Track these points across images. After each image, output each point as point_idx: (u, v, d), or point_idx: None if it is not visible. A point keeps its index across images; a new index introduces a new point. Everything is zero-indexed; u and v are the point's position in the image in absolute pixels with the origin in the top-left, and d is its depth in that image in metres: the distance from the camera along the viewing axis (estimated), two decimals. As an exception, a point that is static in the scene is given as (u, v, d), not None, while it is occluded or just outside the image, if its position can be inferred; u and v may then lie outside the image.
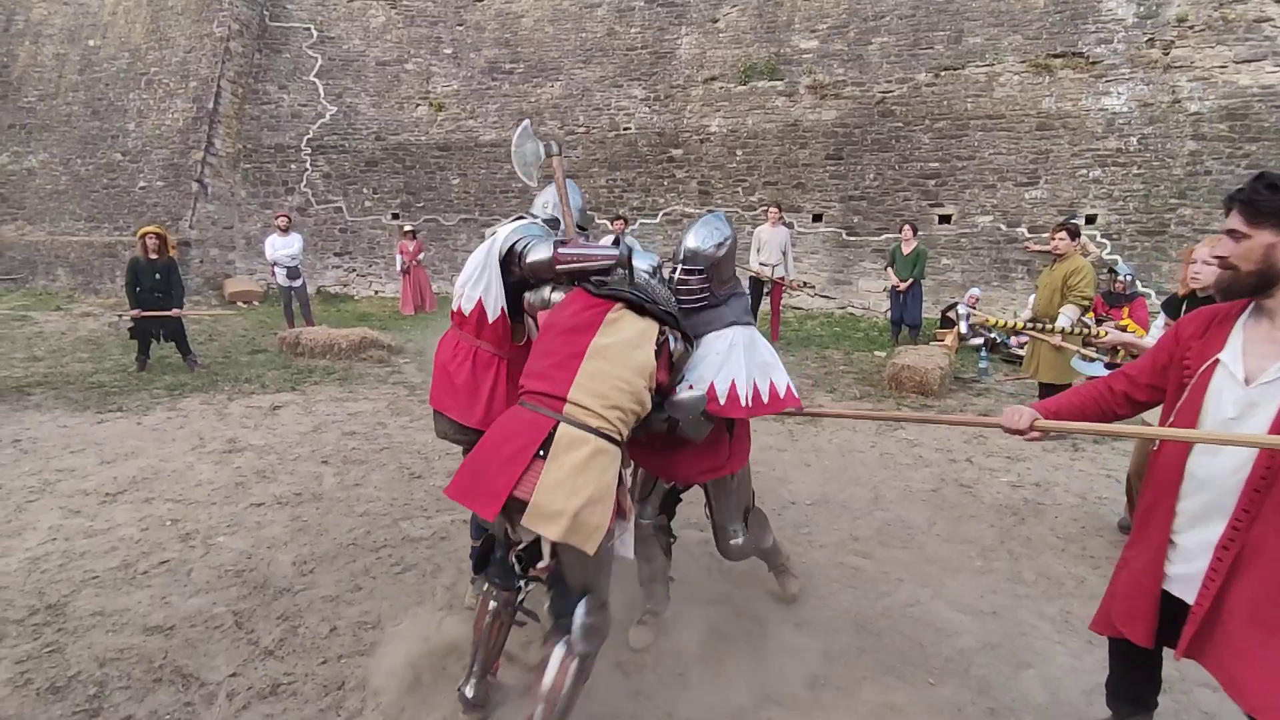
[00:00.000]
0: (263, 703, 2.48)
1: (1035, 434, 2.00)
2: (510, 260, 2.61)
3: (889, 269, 9.35)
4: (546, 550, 2.33)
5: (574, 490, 1.96)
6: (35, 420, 5.79)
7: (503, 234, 2.68)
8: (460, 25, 14.11)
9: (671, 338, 2.29)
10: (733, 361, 2.35)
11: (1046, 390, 5.83)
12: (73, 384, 7.03)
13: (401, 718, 2.40)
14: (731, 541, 2.77)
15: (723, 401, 2.34)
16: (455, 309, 2.79)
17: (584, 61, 13.38)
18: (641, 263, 2.44)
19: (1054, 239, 5.78)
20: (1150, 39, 10.09)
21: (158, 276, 7.66)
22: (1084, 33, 10.45)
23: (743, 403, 2.34)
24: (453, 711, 2.40)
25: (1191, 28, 9.88)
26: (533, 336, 2.68)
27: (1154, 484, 1.89)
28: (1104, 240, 10.16)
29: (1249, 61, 9.49)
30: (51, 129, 15.25)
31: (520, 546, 2.36)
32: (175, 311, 7.71)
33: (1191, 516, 1.77)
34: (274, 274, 10.10)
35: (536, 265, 2.52)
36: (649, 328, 2.24)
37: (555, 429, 2.04)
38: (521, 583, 2.41)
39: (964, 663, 2.80)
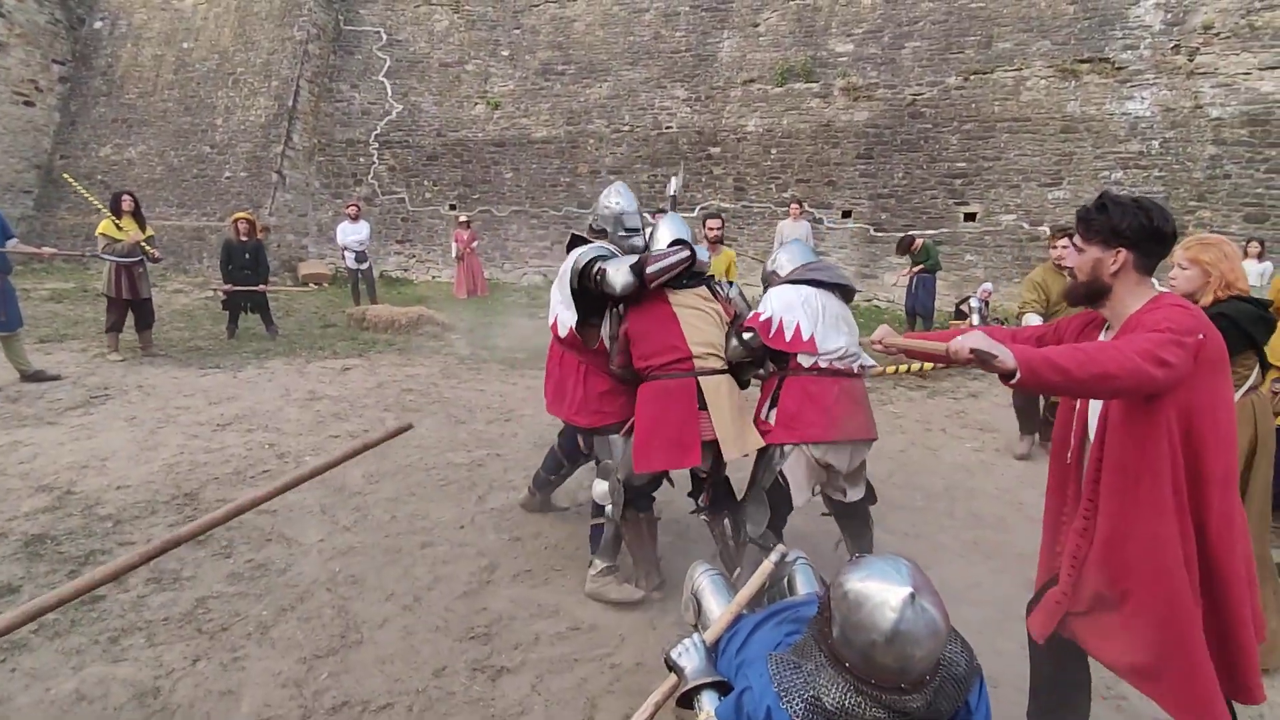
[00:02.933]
0: (342, 558, 3.41)
1: (879, 345, 2.12)
2: (586, 278, 2.99)
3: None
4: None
5: (732, 418, 2.93)
6: (151, 373, 6.94)
7: (570, 260, 3.08)
8: (517, 29, 15.10)
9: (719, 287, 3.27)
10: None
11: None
12: (175, 347, 8.24)
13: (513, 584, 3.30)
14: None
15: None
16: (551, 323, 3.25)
17: (631, 63, 14.20)
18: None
19: (1055, 245, 4.90)
20: (1176, 45, 10.34)
21: (247, 256, 8.84)
22: (1111, 39, 10.76)
23: None
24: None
25: (1218, 35, 10.10)
26: (605, 342, 3.16)
27: (1060, 480, 2.00)
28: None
29: (1273, 68, 9.68)
30: (149, 123, 16.87)
31: (705, 474, 3.20)
32: (262, 287, 8.88)
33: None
34: (344, 257, 11.26)
35: (626, 287, 2.91)
36: (701, 289, 3.15)
37: (698, 384, 2.94)
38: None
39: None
